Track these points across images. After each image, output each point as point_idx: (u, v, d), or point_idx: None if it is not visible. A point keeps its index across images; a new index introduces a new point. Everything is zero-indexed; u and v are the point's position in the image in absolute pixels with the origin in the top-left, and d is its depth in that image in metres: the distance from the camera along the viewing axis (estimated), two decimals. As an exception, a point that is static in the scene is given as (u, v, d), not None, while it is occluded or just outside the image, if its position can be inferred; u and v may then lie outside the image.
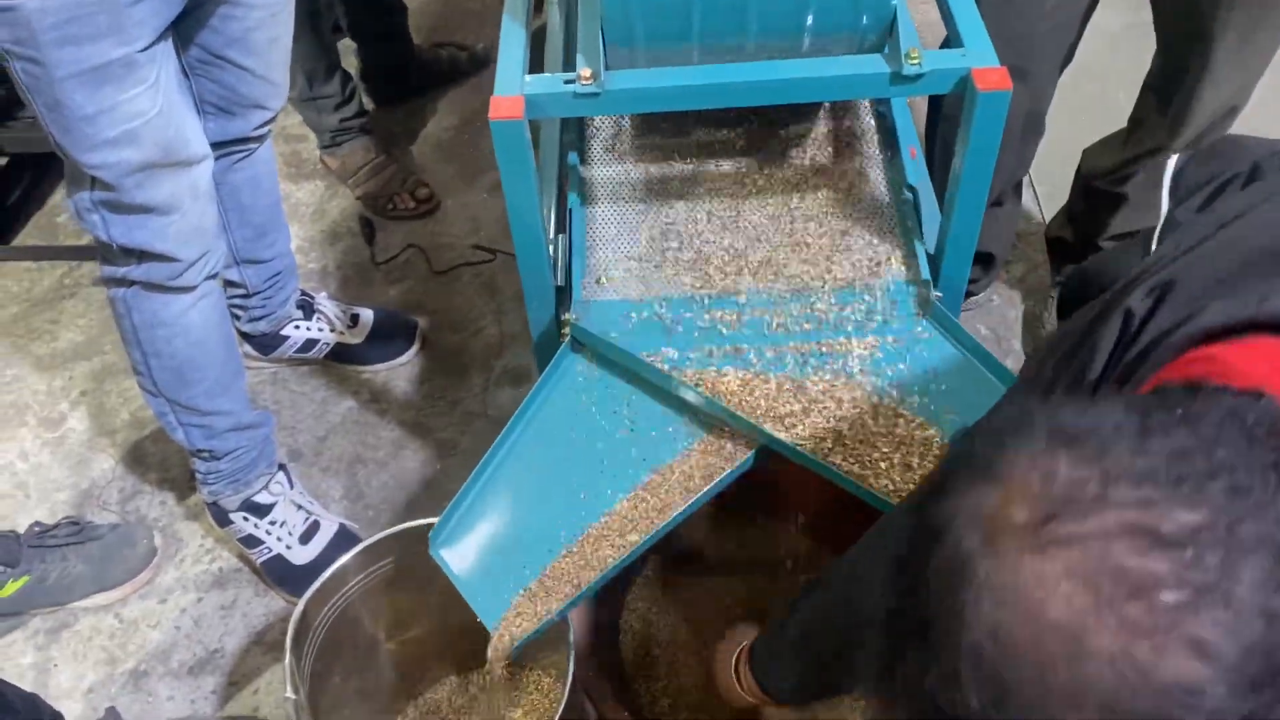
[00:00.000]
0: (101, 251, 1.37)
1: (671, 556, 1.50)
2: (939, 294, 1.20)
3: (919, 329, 1.18)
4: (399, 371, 1.89)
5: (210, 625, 1.58)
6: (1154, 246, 0.93)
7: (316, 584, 1.15)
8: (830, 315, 1.19)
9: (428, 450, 1.77)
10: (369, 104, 2.39)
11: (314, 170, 2.28)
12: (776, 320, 1.19)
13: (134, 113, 1.20)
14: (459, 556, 1.13)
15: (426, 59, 2.45)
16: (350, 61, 2.38)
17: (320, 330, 1.84)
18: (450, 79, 2.47)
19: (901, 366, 1.15)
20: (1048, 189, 2.11)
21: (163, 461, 1.79)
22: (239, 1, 1.35)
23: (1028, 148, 1.62)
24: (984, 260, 1.79)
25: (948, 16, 1.16)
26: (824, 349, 1.16)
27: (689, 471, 1.14)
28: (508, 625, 1.09)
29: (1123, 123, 1.67)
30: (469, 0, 2.66)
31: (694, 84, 1.09)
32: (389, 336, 1.90)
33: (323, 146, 2.21)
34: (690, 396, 1.15)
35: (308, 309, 1.84)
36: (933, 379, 1.14)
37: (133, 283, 1.37)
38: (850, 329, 1.18)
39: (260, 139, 1.57)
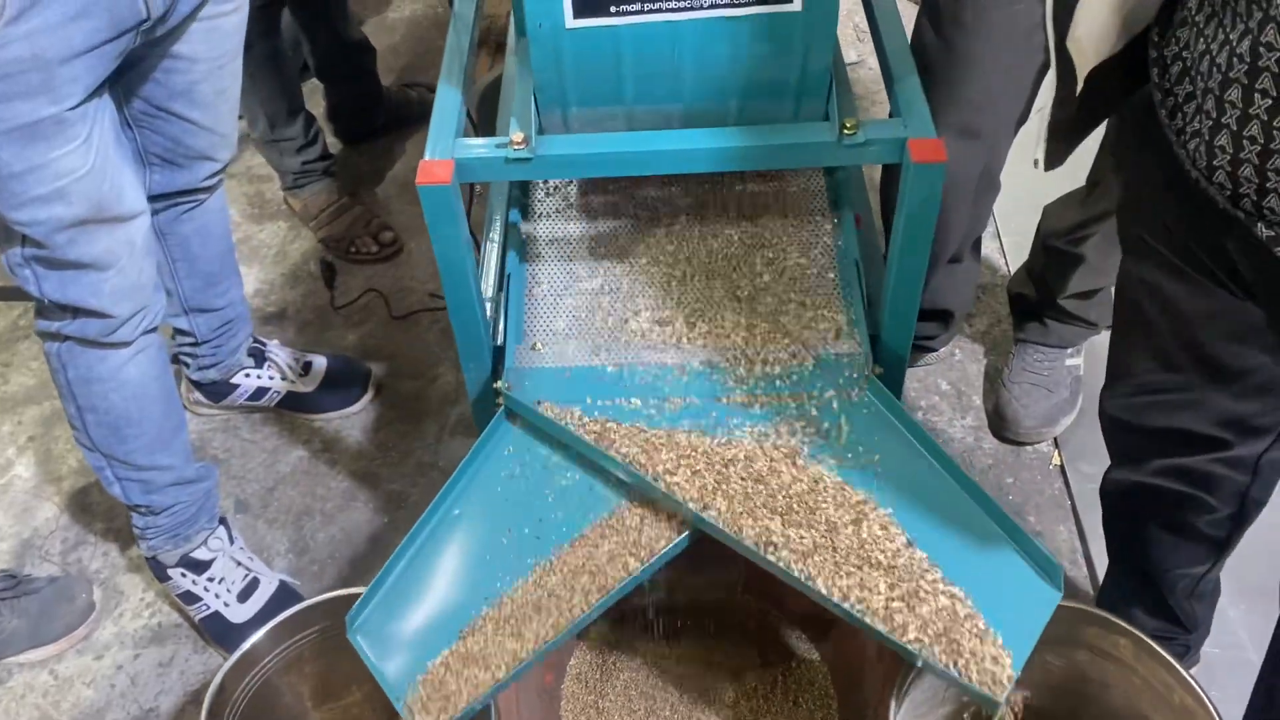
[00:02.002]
0: (36, 305, 1.35)
1: (617, 623, 1.47)
2: (879, 369, 1.17)
3: (857, 405, 1.15)
4: (352, 420, 1.87)
5: (146, 683, 1.55)
6: None
7: (233, 658, 1.12)
8: (768, 387, 1.16)
9: (377, 502, 1.75)
10: (336, 145, 2.38)
11: (277, 211, 2.27)
12: (711, 391, 1.16)
13: (64, 170, 1.18)
14: (377, 640, 1.09)
15: (395, 100, 2.44)
16: (318, 102, 2.37)
17: (271, 378, 1.82)
18: (419, 120, 2.46)
19: (836, 443, 1.12)
20: (1014, 240, 2.10)
21: (108, 511, 1.76)
22: (182, 55, 1.33)
23: (983, 206, 1.61)
24: (942, 317, 1.77)
25: (889, 85, 1.15)
26: (759, 423, 1.14)
27: (624, 549, 1.10)
28: (425, 712, 1.06)
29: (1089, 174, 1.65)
30: (438, 40, 2.66)
31: (629, 150, 1.08)
32: (342, 384, 1.87)
33: (286, 188, 2.19)
34: (623, 473, 1.12)
35: (259, 357, 1.82)
36: (866, 457, 1.11)
37: (66, 337, 1.34)
38: (788, 402, 1.15)
39: (209, 189, 1.55)
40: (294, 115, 2.07)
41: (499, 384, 1.18)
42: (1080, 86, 0.96)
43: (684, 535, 1.08)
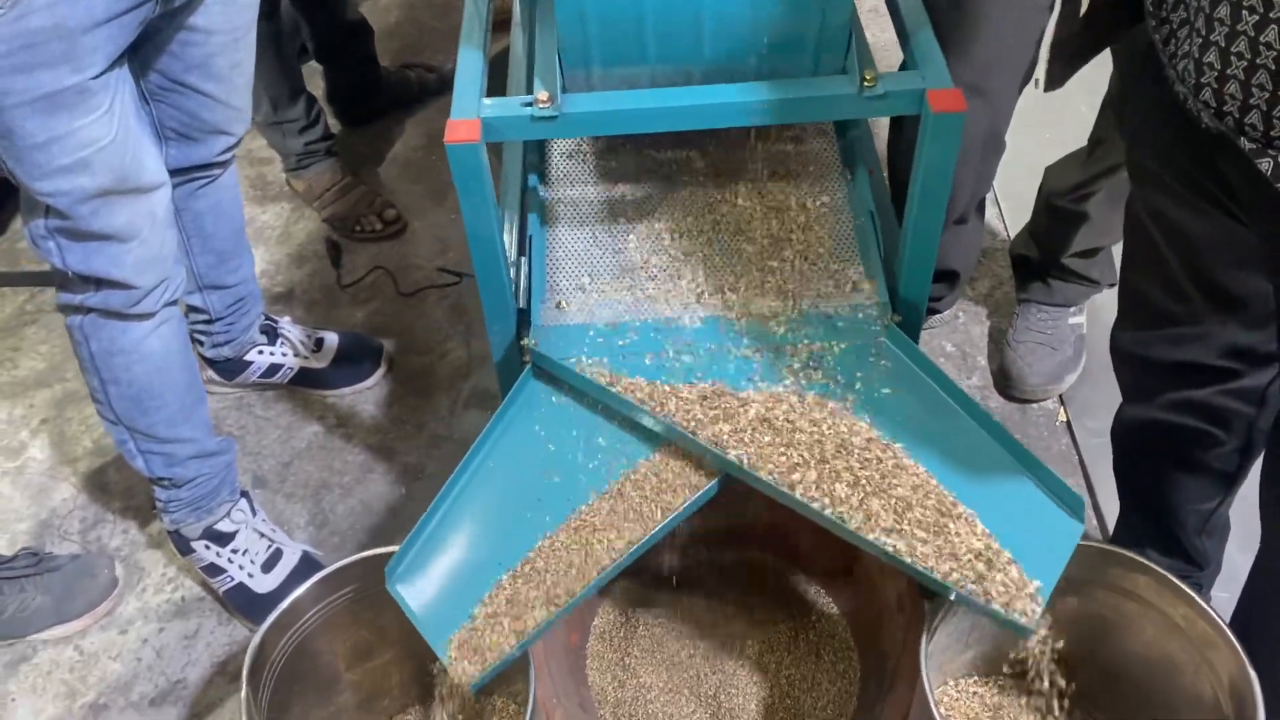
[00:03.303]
0: (58, 278, 1.35)
1: (639, 581, 1.49)
2: (898, 317, 1.20)
3: (878, 352, 1.18)
4: (365, 395, 1.88)
5: (172, 656, 1.56)
6: None
7: (274, 615, 1.14)
8: (789, 338, 1.19)
9: (394, 474, 1.76)
10: (336, 126, 2.39)
11: (280, 193, 2.27)
12: (735, 344, 1.19)
13: (88, 140, 1.19)
14: (416, 590, 1.11)
15: (394, 80, 2.44)
16: (317, 84, 2.38)
17: (284, 355, 1.83)
18: (418, 100, 2.47)
19: (859, 389, 1.15)
20: (1012, 205, 2.13)
21: (125, 489, 1.76)
22: (198, 27, 1.34)
23: (989, 166, 1.64)
24: (948, 277, 1.80)
25: (903, 39, 1.17)
26: (782, 372, 1.16)
27: (652, 499, 1.13)
28: (464, 660, 1.08)
29: (1085, 139, 1.68)
30: (436, 21, 2.67)
31: (653, 107, 1.09)
32: (354, 360, 1.88)
33: (289, 169, 2.20)
34: (651, 423, 1.14)
35: (271, 334, 1.83)
36: (889, 403, 1.14)
37: (90, 310, 1.35)
38: (809, 352, 1.18)
39: (223, 165, 1.56)
40: (296, 97, 2.08)
41: (525, 341, 1.20)
42: (1085, 6, 0.99)
43: (715, 481, 1.11)
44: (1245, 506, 1.32)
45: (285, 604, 1.14)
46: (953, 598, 1.03)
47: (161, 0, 1.21)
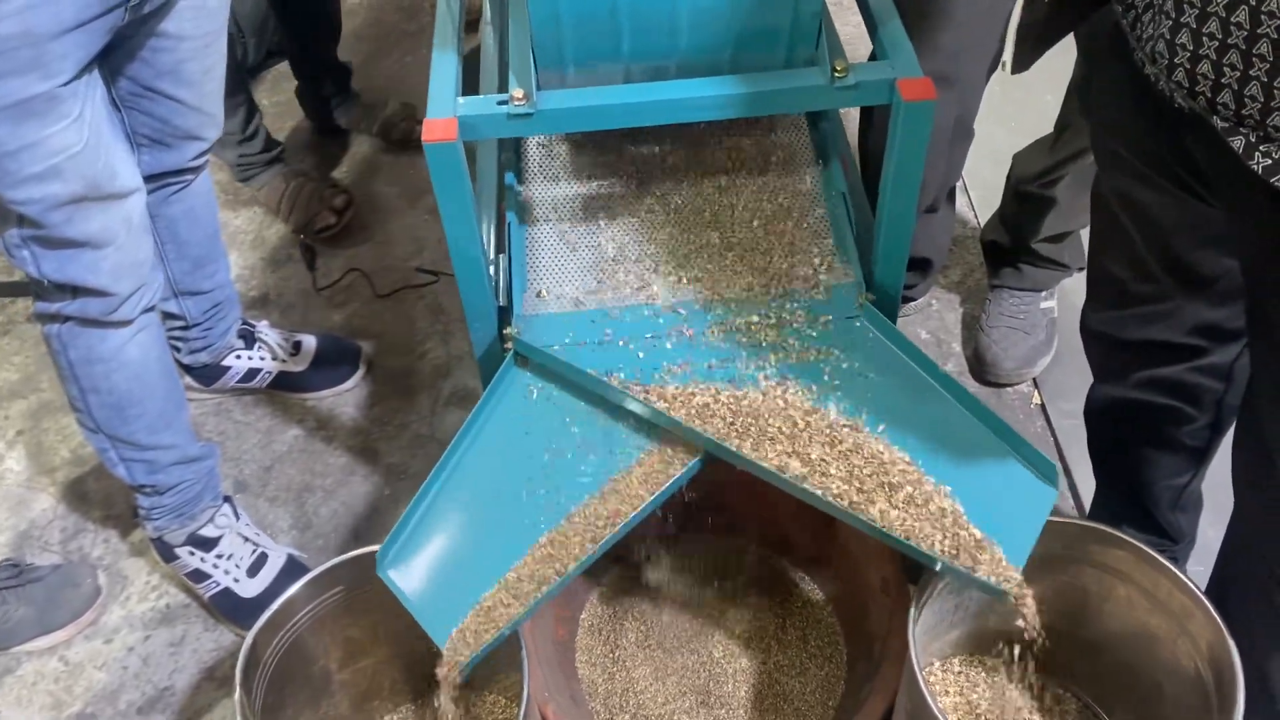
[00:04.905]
0: (34, 287, 1.35)
1: (625, 575, 1.50)
2: (872, 296, 1.22)
3: (854, 332, 1.20)
4: (345, 397, 1.88)
5: (159, 663, 1.56)
6: None
7: (265, 616, 1.14)
8: (767, 322, 1.20)
9: (377, 476, 1.76)
10: (283, 133, 2.37)
11: (252, 197, 2.26)
12: (714, 328, 1.20)
13: (58, 147, 1.18)
14: (407, 576, 1.12)
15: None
16: (284, 89, 2.37)
17: (262, 359, 1.82)
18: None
19: (838, 370, 1.16)
20: (981, 194, 2.15)
21: (105, 499, 1.75)
22: (169, 33, 1.34)
23: (958, 153, 1.66)
24: (921, 265, 1.82)
25: (872, 30, 1.19)
26: (761, 355, 1.18)
27: (637, 479, 1.14)
28: (459, 643, 1.09)
29: (1051, 127, 1.71)
30: (402, 24, 2.66)
31: (628, 102, 1.10)
32: (333, 362, 1.88)
33: (236, 180, 2.18)
34: (634, 406, 1.16)
35: (249, 338, 1.82)
36: (868, 381, 1.16)
37: (67, 318, 1.34)
38: (787, 335, 1.19)
39: (196, 170, 1.56)
40: (235, 110, 2.03)
41: (508, 330, 1.21)
42: None
43: (697, 458, 1.12)
44: (1215, 481, 1.35)
45: (277, 605, 1.14)
46: (938, 568, 1.05)
47: (131, 7, 1.21)
